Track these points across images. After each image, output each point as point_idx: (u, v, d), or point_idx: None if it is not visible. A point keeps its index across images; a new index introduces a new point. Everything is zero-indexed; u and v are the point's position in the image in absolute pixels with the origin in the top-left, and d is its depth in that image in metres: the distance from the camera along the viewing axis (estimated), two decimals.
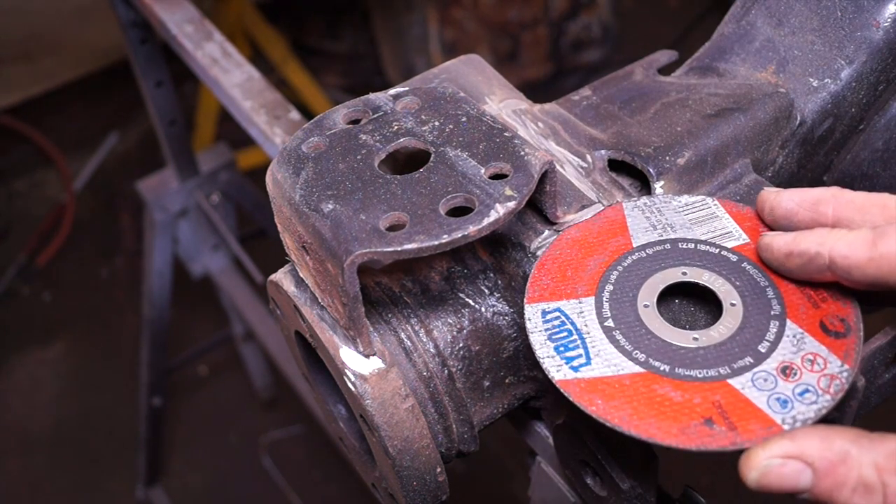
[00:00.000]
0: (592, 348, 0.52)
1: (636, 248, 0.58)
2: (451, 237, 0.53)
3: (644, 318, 0.54)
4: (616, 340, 0.53)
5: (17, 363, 2.82)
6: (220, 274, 2.05)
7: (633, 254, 0.58)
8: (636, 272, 0.56)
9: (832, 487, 0.45)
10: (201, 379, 2.77)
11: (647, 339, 0.52)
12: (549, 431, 0.67)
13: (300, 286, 0.63)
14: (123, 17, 1.42)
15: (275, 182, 0.60)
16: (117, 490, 2.52)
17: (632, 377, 0.50)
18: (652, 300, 0.55)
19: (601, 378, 0.51)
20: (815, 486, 0.45)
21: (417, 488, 0.63)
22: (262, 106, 1.12)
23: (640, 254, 0.58)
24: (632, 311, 0.54)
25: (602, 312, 0.54)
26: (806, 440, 0.45)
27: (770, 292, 0.54)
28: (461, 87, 0.73)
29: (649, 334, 0.53)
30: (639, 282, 0.56)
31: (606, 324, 0.54)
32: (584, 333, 0.53)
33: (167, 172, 1.75)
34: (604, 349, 0.52)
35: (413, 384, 0.62)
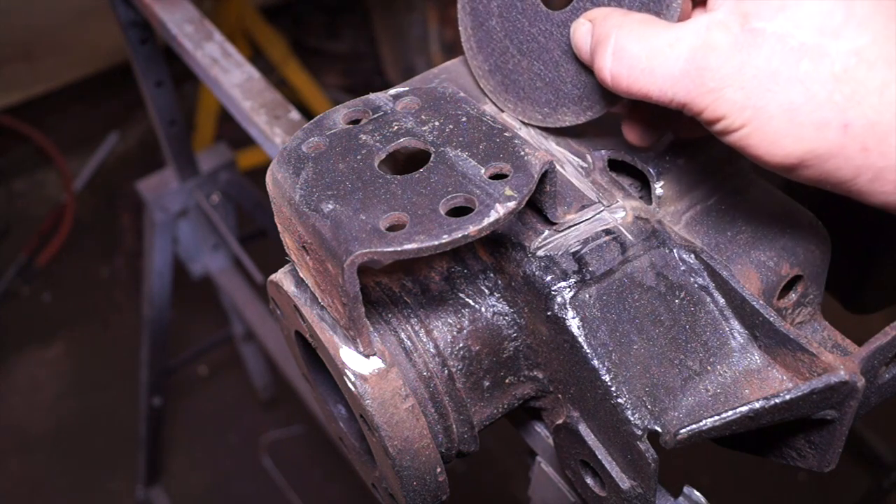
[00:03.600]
0: None
1: None
2: (451, 237, 0.53)
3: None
4: None
5: (17, 363, 2.82)
6: (220, 274, 2.05)
7: None
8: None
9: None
10: (201, 379, 2.77)
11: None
12: (549, 431, 0.67)
13: (300, 286, 0.63)
14: (123, 17, 1.42)
15: (275, 182, 0.60)
16: (117, 490, 2.52)
17: None
18: None
19: None
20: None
21: (417, 488, 0.63)
22: (262, 106, 1.12)
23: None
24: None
25: None
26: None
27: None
28: (461, 87, 0.73)
29: None
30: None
31: None
32: None
33: (167, 172, 1.75)
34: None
35: (413, 384, 0.62)
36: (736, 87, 0.50)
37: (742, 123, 0.50)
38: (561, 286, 0.59)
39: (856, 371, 0.54)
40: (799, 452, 0.60)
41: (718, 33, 0.51)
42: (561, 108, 0.67)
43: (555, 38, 0.65)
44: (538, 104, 0.68)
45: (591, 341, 0.58)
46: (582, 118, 0.66)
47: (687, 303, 0.61)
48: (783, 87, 0.49)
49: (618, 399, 0.57)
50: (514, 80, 0.69)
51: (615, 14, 0.57)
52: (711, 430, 0.54)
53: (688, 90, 0.52)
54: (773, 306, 0.65)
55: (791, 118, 0.49)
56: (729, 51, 0.50)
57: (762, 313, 0.59)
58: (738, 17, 0.50)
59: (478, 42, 0.71)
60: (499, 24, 0.69)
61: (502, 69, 0.70)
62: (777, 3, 0.49)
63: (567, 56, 0.65)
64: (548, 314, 0.59)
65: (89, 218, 3.23)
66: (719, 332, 0.61)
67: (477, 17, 0.70)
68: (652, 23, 0.55)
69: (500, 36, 0.69)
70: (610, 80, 0.56)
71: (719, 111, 0.51)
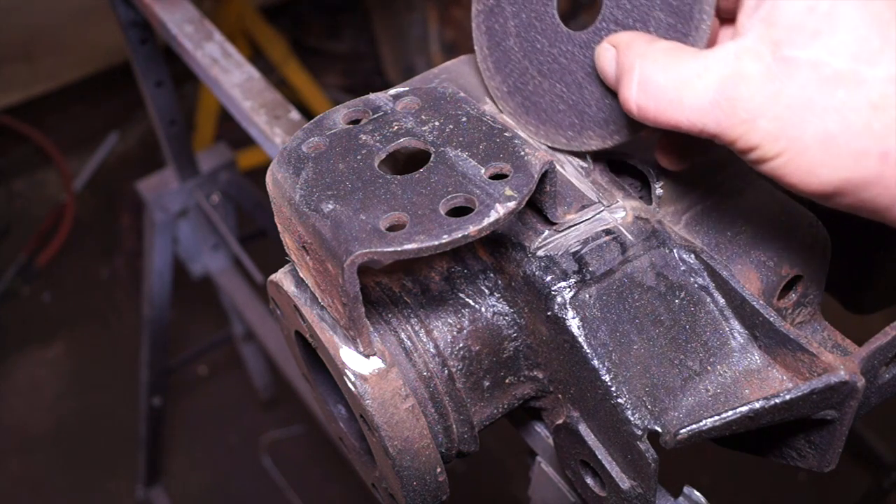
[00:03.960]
0: None
1: None
2: (451, 237, 0.53)
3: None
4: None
5: (17, 363, 2.82)
6: (220, 274, 2.05)
7: None
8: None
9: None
10: (201, 379, 2.77)
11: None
12: (549, 431, 0.67)
13: (300, 286, 0.63)
14: (123, 17, 1.42)
15: (275, 182, 0.60)
16: (117, 490, 2.52)
17: None
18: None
19: None
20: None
21: (417, 488, 0.63)
22: (262, 106, 1.12)
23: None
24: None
25: None
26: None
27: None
28: (461, 87, 0.73)
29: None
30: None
31: None
32: None
33: (167, 172, 1.75)
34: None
35: (413, 384, 0.62)
36: (769, 117, 0.48)
37: (777, 153, 0.49)
38: (561, 286, 0.59)
39: (856, 371, 0.54)
40: (799, 452, 0.60)
41: (749, 62, 0.49)
42: (586, 132, 0.65)
43: (577, 60, 0.63)
44: (561, 127, 0.66)
45: (591, 341, 0.58)
46: (609, 142, 0.64)
47: (687, 303, 0.61)
48: (818, 116, 0.47)
49: (618, 399, 0.57)
50: (535, 102, 0.67)
51: (639, 42, 0.55)
52: (711, 430, 0.54)
53: (718, 121, 0.50)
54: (773, 306, 0.65)
55: (827, 148, 0.48)
56: (761, 80, 0.48)
57: (762, 313, 0.59)
58: (770, 45, 0.49)
59: (495, 62, 0.69)
60: (517, 45, 0.67)
61: (522, 90, 0.68)
62: (810, 30, 0.47)
63: (591, 78, 0.63)
64: (548, 314, 0.59)
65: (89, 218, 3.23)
66: (719, 332, 0.61)
67: (493, 36, 0.68)
68: (677, 51, 0.53)
69: (518, 56, 0.67)
70: (636, 111, 0.54)
71: (752, 141, 0.49)
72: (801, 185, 0.49)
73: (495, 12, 0.68)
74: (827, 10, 0.47)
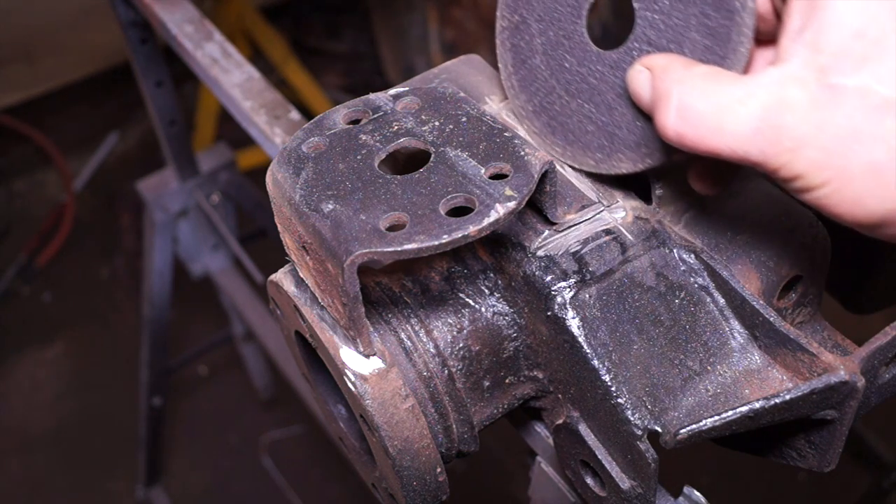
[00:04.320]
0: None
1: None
2: (451, 237, 0.53)
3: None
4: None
5: (17, 363, 2.82)
6: (220, 274, 2.05)
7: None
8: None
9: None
10: (201, 379, 2.77)
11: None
12: (549, 431, 0.67)
13: (300, 286, 0.63)
14: (123, 17, 1.42)
15: (275, 182, 0.60)
16: (117, 490, 2.53)
17: None
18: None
19: None
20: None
21: (417, 488, 0.63)
22: (262, 106, 1.12)
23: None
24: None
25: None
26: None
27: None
28: (461, 87, 0.73)
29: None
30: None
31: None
32: None
33: (167, 172, 1.75)
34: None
35: (413, 384, 0.62)
36: (815, 146, 0.47)
37: (821, 183, 0.48)
38: (561, 286, 0.59)
39: (856, 371, 0.54)
40: (799, 452, 0.60)
41: (794, 89, 0.47)
42: (616, 155, 0.62)
43: (607, 80, 0.61)
44: (590, 149, 0.64)
45: (591, 341, 0.58)
46: (640, 165, 0.61)
47: (687, 303, 0.61)
48: (866, 145, 0.46)
49: (618, 399, 0.57)
50: (562, 123, 0.65)
51: (676, 66, 0.53)
52: (711, 430, 0.54)
53: (761, 149, 0.48)
54: (773, 306, 0.65)
55: (874, 178, 0.46)
56: (806, 108, 0.47)
57: (762, 313, 0.59)
58: (815, 72, 0.47)
59: (520, 81, 0.67)
60: (543, 63, 0.65)
61: (548, 110, 0.66)
62: (857, 57, 0.46)
63: (622, 99, 0.61)
64: (548, 314, 0.59)
65: (89, 218, 3.23)
66: (719, 332, 0.61)
67: (519, 53, 0.66)
68: (717, 76, 0.51)
69: (544, 75, 0.65)
70: (675, 137, 0.52)
71: (797, 170, 0.48)
72: (847, 215, 0.48)
73: (521, 29, 0.66)
74: (876, 36, 0.46)
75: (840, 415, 0.55)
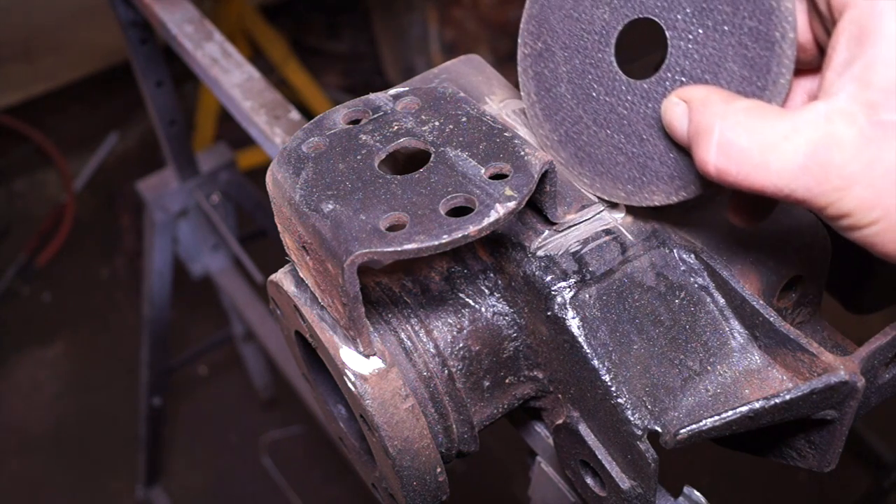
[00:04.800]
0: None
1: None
2: (451, 237, 0.53)
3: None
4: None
5: (17, 363, 2.82)
6: (220, 274, 2.05)
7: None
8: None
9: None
10: (201, 379, 2.77)
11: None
12: (549, 431, 0.67)
13: (300, 286, 0.63)
14: (123, 17, 1.42)
15: (275, 182, 0.60)
16: (117, 490, 2.52)
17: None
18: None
19: None
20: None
21: (417, 488, 0.63)
22: (262, 106, 1.12)
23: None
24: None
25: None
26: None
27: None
28: (461, 87, 0.73)
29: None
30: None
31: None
32: None
33: (167, 172, 1.75)
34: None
35: (413, 384, 0.62)
36: (864, 184, 0.46)
37: (870, 221, 0.47)
38: (561, 286, 0.59)
39: (856, 371, 0.54)
40: (799, 452, 0.60)
41: (842, 125, 0.46)
42: (648, 187, 0.60)
43: (638, 111, 0.59)
44: (620, 180, 0.62)
45: (591, 341, 0.58)
46: (674, 198, 0.59)
47: (687, 303, 0.61)
48: None
49: (618, 399, 0.57)
50: (590, 154, 0.63)
51: (715, 100, 0.51)
52: (711, 430, 0.54)
53: (808, 187, 0.47)
54: (773, 306, 0.65)
55: None
56: (856, 146, 0.46)
57: (762, 313, 0.59)
58: (864, 108, 0.46)
59: (544, 109, 0.65)
60: (569, 92, 0.63)
61: (575, 140, 0.64)
62: None
63: (654, 131, 0.59)
64: (548, 314, 0.59)
65: (89, 218, 3.23)
66: (719, 332, 0.61)
67: (543, 82, 0.64)
68: (760, 111, 0.49)
69: (571, 104, 0.63)
70: (716, 174, 0.50)
71: (845, 209, 0.47)
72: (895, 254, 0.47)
73: (545, 57, 0.64)
74: None
75: (840, 415, 0.55)
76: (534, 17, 0.64)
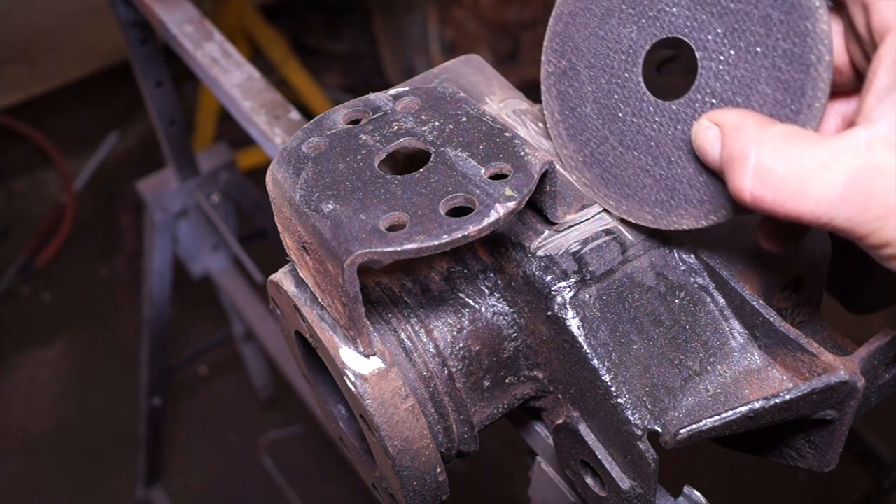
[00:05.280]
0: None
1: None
2: (451, 237, 0.53)
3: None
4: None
5: (17, 363, 2.82)
6: (220, 274, 2.05)
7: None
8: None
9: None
10: (201, 379, 2.77)
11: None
12: (549, 431, 0.67)
13: (300, 286, 0.63)
14: (123, 17, 1.42)
15: (275, 182, 0.60)
16: (117, 490, 2.52)
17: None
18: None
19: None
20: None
21: (417, 488, 0.63)
22: (262, 106, 1.12)
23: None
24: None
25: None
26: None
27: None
28: (461, 87, 0.73)
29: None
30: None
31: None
32: None
33: (167, 172, 1.75)
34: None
35: (413, 384, 0.62)
36: None
37: None
38: (561, 286, 0.59)
39: (856, 371, 0.54)
40: (799, 452, 0.60)
41: (883, 153, 0.45)
42: (677, 210, 0.58)
43: (666, 132, 0.58)
44: (647, 203, 0.60)
45: (591, 341, 0.58)
46: (703, 222, 0.57)
47: (687, 303, 0.61)
48: None
49: (618, 399, 0.57)
50: (616, 175, 0.61)
51: (750, 125, 0.50)
52: (711, 430, 0.54)
53: (848, 216, 0.46)
54: (773, 306, 0.65)
55: None
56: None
57: (762, 313, 0.59)
58: None
59: (568, 129, 0.63)
60: (594, 112, 0.61)
61: (601, 162, 0.62)
62: None
63: (683, 153, 0.57)
64: (548, 314, 0.59)
65: (89, 218, 3.23)
66: (719, 332, 0.61)
67: (567, 101, 0.63)
68: (797, 137, 0.48)
69: (596, 124, 0.62)
70: (751, 201, 0.48)
71: (886, 238, 0.46)
72: None
73: (569, 75, 0.63)
74: None
75: (840, 415, 0.55)
76: (558, 35, 0.63)
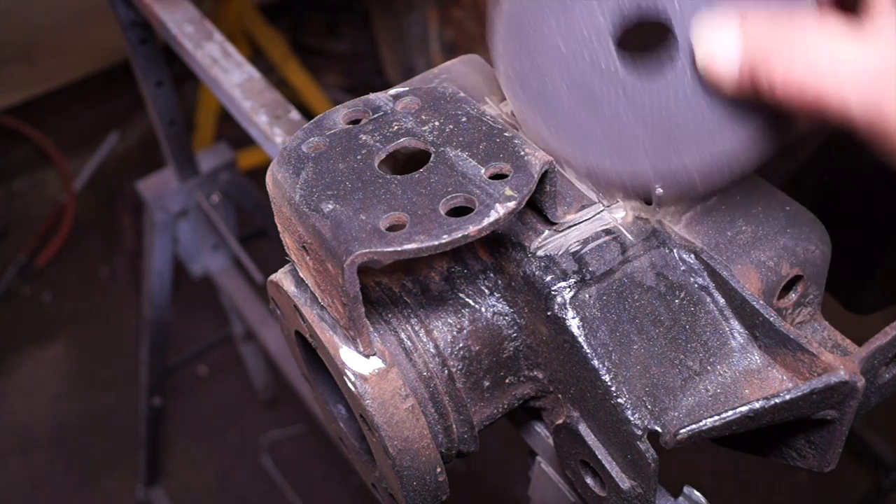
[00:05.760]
0: None
1: None
2: (451, 237, 0.53)
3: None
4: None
5: (17, 363, 2.82)
6: (220, 274, 2.05)
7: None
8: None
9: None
10: (201, 379, 2.77)
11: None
12: (549, 431, 0.67)
13: (300, 286, 0.63)
14: (123, 18, 1.42)
15: (275, 182, 0.60)
16: (117, 490, 2.52)
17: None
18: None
19: None
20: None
21: (417, 488, 0.63)
22: (262, 106, 1.12)
23: None
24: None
25: None
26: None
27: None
28: (461, 87, 0.73)
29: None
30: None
31: None
32: None
33: (167, 172, 1.75)
34: None
35: (413, 384, 0.62)
36: None
37: None
38: (561, 286, 0.59)
39: (856, 371, 0.54)
40: (799, 452, 0.60)
41: None
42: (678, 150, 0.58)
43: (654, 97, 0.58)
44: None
45: (591, 341, 0.58)
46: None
47: (687, 303, 0.61)
48: None
49: (618, 399, 0.57)
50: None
51: (774, 21, 0.49)
52: (711, 430, 0.54)
53: (879, 102, 0.45)
54: (773, 306, 0.65)
55: None
56: None
57: (762, 313, 0.59)
58: None
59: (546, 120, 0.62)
60: (572, 101, 0.61)
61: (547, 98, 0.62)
62: None
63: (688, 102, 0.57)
64: (548, 314, 0.59)
65: (89, 218, 3.23)
66: (719, 332, 0.61)
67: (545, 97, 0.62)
68: (829, 25, 0.48)
69: (574, 111, 0.61)
70: (794, 92, 0.48)
71: None
72: None
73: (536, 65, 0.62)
74: None
75: (840, 415, 0.55)
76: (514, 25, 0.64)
